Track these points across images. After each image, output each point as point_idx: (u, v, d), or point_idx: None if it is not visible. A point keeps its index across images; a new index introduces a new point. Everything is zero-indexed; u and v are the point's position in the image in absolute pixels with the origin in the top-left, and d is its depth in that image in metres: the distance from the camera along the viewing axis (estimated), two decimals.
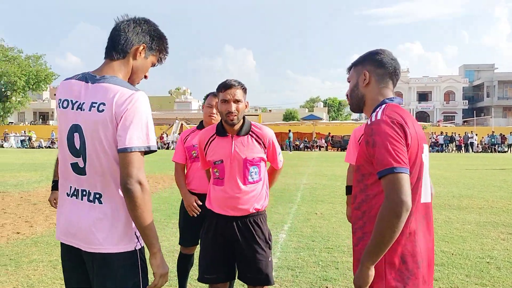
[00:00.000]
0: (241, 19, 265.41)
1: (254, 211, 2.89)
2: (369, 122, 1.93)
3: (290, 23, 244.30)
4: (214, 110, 3.65)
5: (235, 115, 2.81)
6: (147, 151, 1.89)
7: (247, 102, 2.94)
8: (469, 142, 37.88)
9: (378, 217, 1.77)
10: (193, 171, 3.69)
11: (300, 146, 39.02)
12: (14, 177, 14.07)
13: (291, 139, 36.34)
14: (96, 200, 1.90)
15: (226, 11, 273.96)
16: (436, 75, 75.14)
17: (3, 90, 49.62)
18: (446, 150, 37.46)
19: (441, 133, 39.29)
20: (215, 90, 3.06)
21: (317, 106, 77.14)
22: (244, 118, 2.94)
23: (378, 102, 2.02)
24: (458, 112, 71.15)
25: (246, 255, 2.87)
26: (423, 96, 73.60)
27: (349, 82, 2.18)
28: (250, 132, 2.91)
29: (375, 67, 2.05)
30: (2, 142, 43.74)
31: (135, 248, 1.91)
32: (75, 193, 1.95)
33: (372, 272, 1.81)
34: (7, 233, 6.60)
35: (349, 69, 2.18)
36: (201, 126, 3.80)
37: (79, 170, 1.92)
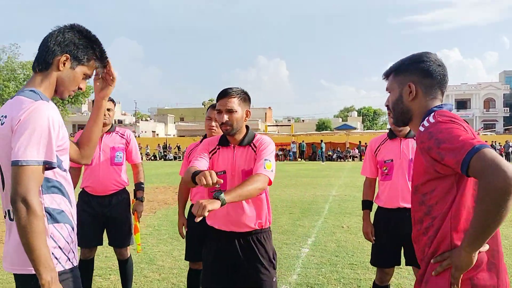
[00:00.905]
0: (274, 30, 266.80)
1: (257, 227, 2.72)
2: (422, 129, 1.68)
3: (324, 32, 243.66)
4: (213, 123, 3.55)
5: (229, 126, 2.65)
6: (48, 167, 1.72)
7: (248, 111, 2.77)
8: (510, 151, 36.34)
9: (478, 201, 1.46)
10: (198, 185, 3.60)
11: (333, 157, 38.48)
12: None
13: (323, 149, 35.90)
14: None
15: (259, 23, 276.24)
16: (475, 82, 72.97)
17: None
18: None
19: None
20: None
21: (351, 116, 76.20)
22: (247, 128, 2.79)
23: (426, 113, 1.78)
24: (499, 120, 68.70)
25: (249, 275, 2.70)
26: (462, 104, 71.49)
27: (388, 92, 1.91)
28: (251, 144, 2.75)
29: (421, 77, 1.80)
30: None
31: None
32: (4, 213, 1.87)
33: (474, 257, 1.55)
34: None
35: (387, 75, 1.91)
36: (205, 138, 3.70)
37: (1, 188, 1.85)
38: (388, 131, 3.47)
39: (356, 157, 38.34)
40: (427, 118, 1.72)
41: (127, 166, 4.14)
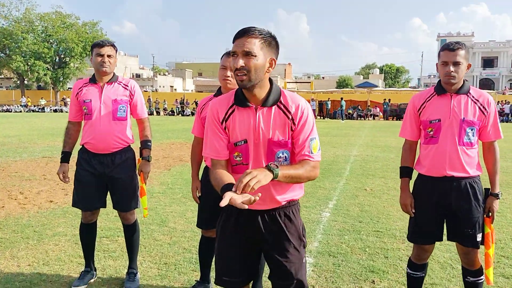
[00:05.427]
0: None
1: (285, 202, 2.23)
2: None
3: None
4: (229, 73, 3.04)
5: (244, 74, 2.03)
6: None
7: (273, 60, 2.11)
8: None
9: None
10: None
11: (353, 115, 37.61)
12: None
13: (344, 108, 35.06)
14: None
15: None
16: (504, 39, 70.06)
17: (62, 56, 51.21)
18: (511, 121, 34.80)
19: (507, 102, 36.51)
20: None
21: (372, 73, 74.44)
22: (271, 82, 2.18)
23: None
24: None
25: (274, 257, 2.24)
26: (489, 62, 68.94)
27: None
28: (278, 103, 2.16)
29: None
30: (61, 107, 45.35)
31: None
32: None
33: None
34: (41, 201, 6.42)
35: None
36: (219, 93, 3.20)
37: None
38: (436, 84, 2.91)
39: (377, 115, 37.38)
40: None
41: (132, 121, 3.70)
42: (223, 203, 1.78)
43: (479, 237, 2.80)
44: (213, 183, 2.12)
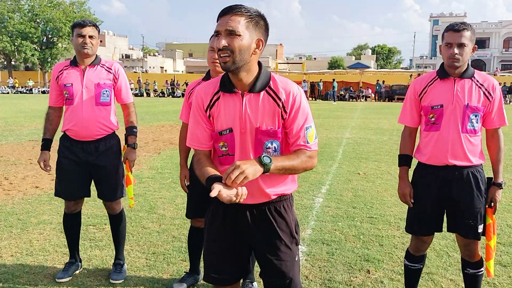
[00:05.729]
0: None
1: (275, 196, 2.06)
2: None
3: None
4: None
5: (227, 55, 1.85)
6: None
7: (260, 41, 1.92)
8: None
9: None
10: None
11: (345, 96, 37.45)
12: None
13: (335, 89, 34.85)
14: None
15: None
16: (496, 19, 70.01)
17: (49, 36, 50.26)
18: (503, 102, 34.88)
19: (499, 83, 36.58)
20: None
21: (364, 54, 74.12)
22: (260, 66, 2.00)
23: None
24: None
25: (264, 255, 2.09)
26: (480, 43, 68.74)
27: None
28: (267, 88, 1.97)
29: None
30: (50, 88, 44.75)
31: None
32: None
33: None
34: (26, 187, 6.23)
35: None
36: (207, 76, 3.02)
37: None
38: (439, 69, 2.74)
39: (369, 97, 37.24)
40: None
41: (116, 106, 3.51)
42: (213, 193, 1.69)
43: (480, 228, 2.69)
44: (197, 173, 2.02)
